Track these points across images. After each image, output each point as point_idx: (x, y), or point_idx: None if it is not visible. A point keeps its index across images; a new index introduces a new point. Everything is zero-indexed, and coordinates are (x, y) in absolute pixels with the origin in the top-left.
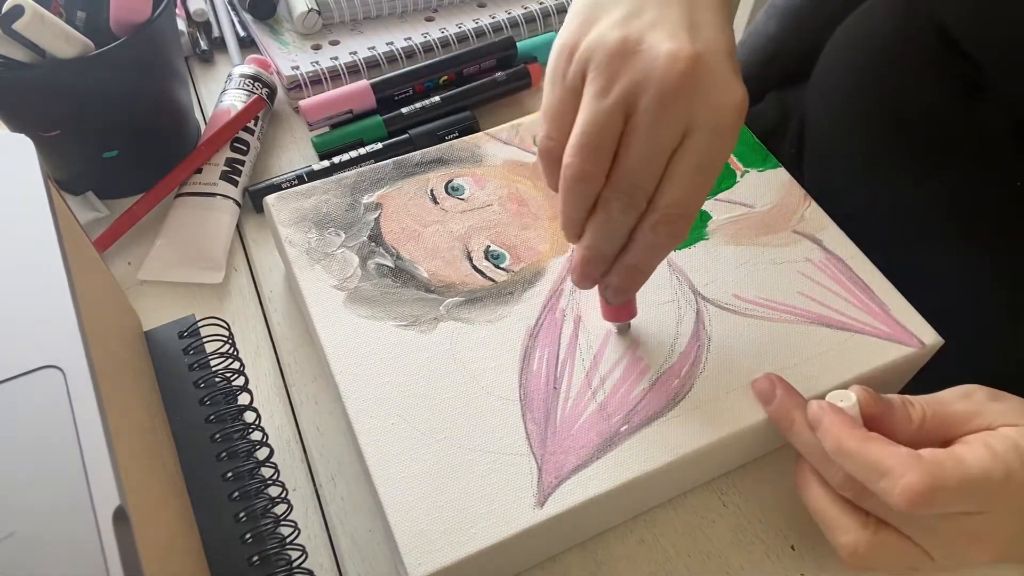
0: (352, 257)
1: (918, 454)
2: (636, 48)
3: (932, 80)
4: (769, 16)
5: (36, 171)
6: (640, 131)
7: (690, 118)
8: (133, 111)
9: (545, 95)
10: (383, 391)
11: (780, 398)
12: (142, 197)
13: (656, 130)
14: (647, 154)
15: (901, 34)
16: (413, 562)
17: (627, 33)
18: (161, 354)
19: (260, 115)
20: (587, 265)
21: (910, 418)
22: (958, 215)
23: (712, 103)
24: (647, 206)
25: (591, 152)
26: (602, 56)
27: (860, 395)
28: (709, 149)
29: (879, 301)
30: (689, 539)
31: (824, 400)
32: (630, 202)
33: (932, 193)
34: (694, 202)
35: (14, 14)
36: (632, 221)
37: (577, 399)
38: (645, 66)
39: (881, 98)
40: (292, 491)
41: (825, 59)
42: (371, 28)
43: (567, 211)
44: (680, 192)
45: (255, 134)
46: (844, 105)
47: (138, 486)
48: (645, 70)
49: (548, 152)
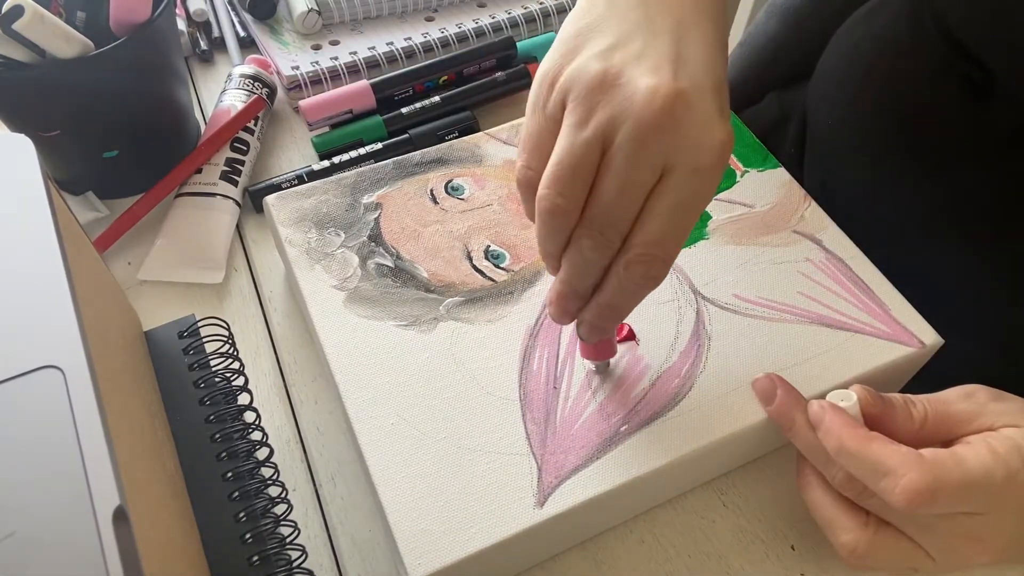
0: (352, 257)
1: (919, 454)
2: (616, 81)
3: (935, 81)
4: (769, 16)
5: (36, 171)
6: (615, 167)
7: (668, 156)
8: (133, 111)
9: (525, 122)
10: (383, 391)
11: (781, 398)
12: (142, 197)
13: (631, 167)
14: (621, 190)
15: (904, 35)
16: (413, 562)
17: (608, 65)
18: (161, 354)
19: (260, 115)
20: (562, 300)
21: (911, 417)
22: (959, 215)
23: (692, 142)
24: (622, 244)
25: (565, 185)
26: (581, 87)
27: (861, 394)
28: (688, 188)
29: (879, 301)
30: (689, 539)
31: (825, 400)
32: (602, 240)
33: (933, 193)
34: (672, 243)
35: (14, 14)
36: (606, 260)
37: (577, 399)
38: (623, 100)
39: (883, 98)
40: (292, 491)
41: (827, 59)
42: (371, 28)
43: (542, 244)
44: (656, 232)
45: (255, 134)
46: (846, 105)
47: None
48: (623, 104)
49: (526, 181)
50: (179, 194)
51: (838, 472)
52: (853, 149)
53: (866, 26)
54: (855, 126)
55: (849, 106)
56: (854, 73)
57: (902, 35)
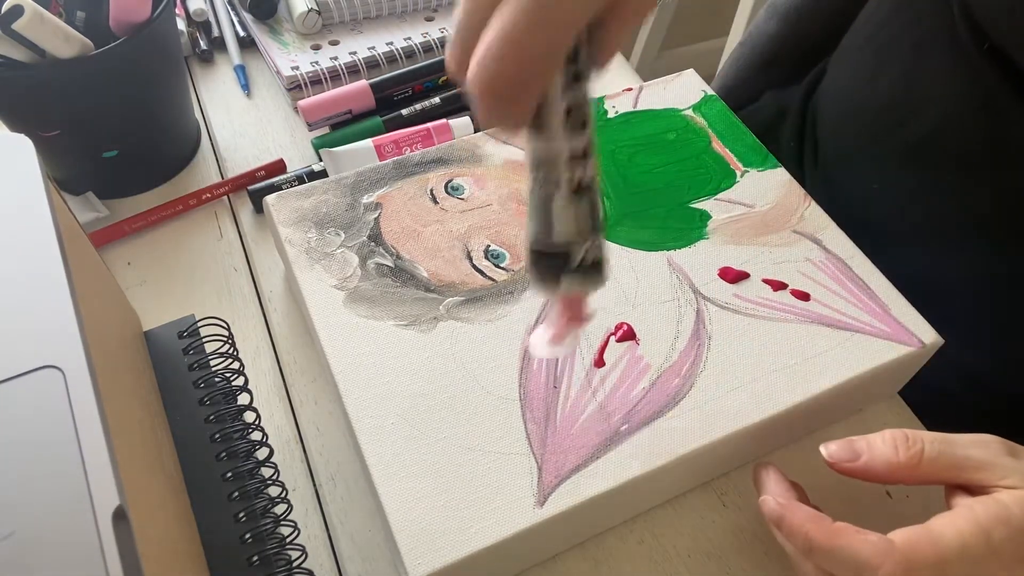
0: (352, 257)
1: (890, 540)
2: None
3: (942, 84)
4: (769, 16)
5: (36, 171)
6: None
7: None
8: (133, 111)
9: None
10: (383, 391)
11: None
12: (139, 215)
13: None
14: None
15: (914, 38)
16: (413, 562)
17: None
18: (161, 354)
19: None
20: (454, 47)
21: (895, 451)
22: (959, 215)
23: None
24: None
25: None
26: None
27: (826, 451)
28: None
29: (879, 301)
30: (689, 539)
31: (780, 487)
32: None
33: (933, 194)
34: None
35: (14, 14)
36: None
37: (577, 398)
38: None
39: (886, 99)
40: (292, 491)
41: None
42: (371, 28)
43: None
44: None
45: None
46: (849, 106)
47: (138, 486)
48: None
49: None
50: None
51: (811, 569)
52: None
53: (872, 31)
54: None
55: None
56: (857, 75)
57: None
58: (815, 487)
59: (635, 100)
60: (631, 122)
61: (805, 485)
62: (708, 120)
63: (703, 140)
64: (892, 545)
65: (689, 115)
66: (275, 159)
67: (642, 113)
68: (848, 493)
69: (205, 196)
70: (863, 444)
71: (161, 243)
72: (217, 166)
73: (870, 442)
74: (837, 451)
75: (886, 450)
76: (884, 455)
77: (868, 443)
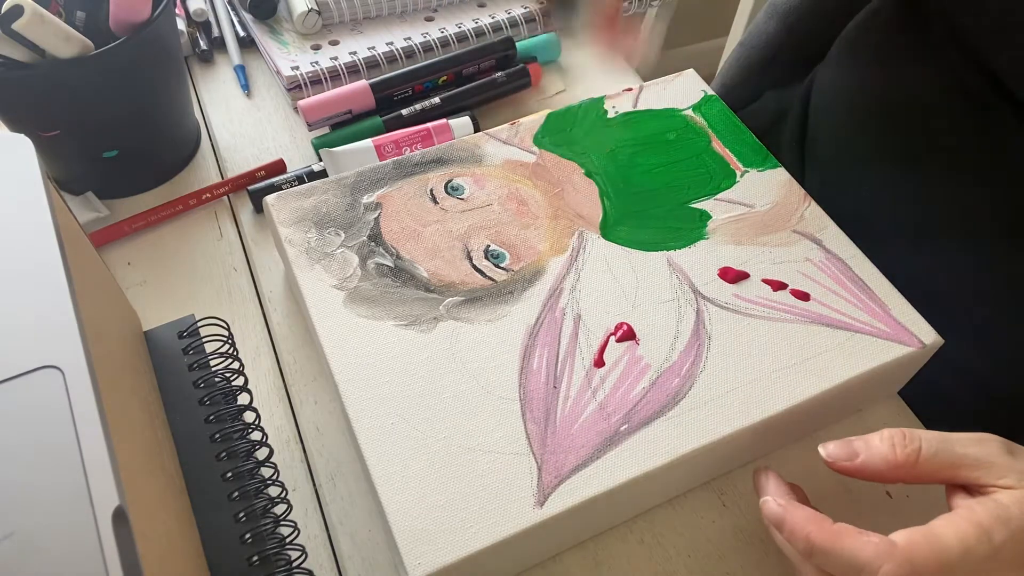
0: (352, 257)
1: (892, 542)
2: None
3: (940, 83)
4: (769, 16)
5: (36, 171)
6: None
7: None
8: (133, 111)
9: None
10: (383, 391)
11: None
12: (140, 215)
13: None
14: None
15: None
16: (413, 562)
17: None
18: (161, 354)
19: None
20: None
21: (893, 449)
22: (959, 216)
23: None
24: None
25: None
26: None
27: (824, 451)
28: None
29: (879, 301)
30: (689, 539)
31: (779, 489)
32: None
33: (933, 194)
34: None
35: (14, 14)
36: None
37: (577, 398)
38: None
39: (886, 100)
40: (292, 491)
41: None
42: (371, 28)
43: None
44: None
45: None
46: (850, 106)
47: (138, 486)
48: None
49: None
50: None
51: (811, 571)
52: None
53: (871, 29)
54: (859, 127)
55: (854, 107)
56: (859, 75)
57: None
58: (815, 487)
59: (635, 100)
60: (631, 122)
61: (805, 485)
62: (708, 120)
63: (703, 140)
64: (893, 546)
65: (689, 115)
66: (275, 159)
67: (642, 113)
68: (848, 494)
69: (205, 196)
70: (861, 443)
71: (161, 243)
72: (217, 166)
73: (868, 441)
74: (835, 451)
75: (883, 448)
76: (881, 453)
77: (866, 442)
